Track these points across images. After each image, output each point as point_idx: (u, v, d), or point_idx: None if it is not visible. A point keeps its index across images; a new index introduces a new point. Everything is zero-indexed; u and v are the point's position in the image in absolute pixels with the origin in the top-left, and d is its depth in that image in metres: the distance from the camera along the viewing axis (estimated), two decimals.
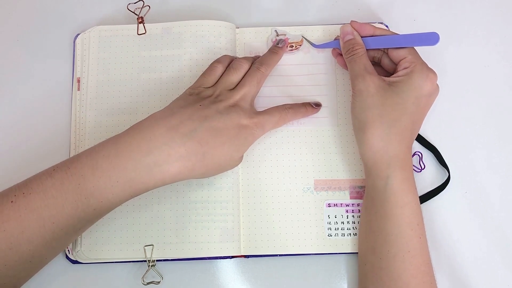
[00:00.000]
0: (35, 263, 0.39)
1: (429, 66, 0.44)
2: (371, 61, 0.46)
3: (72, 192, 0.37)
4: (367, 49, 0.46)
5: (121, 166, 0.38)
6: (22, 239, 0.37)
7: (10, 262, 0.37)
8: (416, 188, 0.43)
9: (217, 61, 0.48)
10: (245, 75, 0.47)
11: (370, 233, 0.43)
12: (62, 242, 0.40)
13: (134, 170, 0.38)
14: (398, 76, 0.44)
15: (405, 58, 0.44)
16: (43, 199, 0.37)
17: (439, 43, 0.42)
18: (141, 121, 0.42)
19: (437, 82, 0.44)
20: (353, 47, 0.46)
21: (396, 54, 0.45)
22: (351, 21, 0.47)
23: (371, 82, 0.43)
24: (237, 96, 0.44)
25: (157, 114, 0.42)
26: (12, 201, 0.37)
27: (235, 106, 0.43)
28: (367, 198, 0.44)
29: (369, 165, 0.43)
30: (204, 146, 0.40)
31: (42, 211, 0.37)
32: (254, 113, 0.44)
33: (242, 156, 0.45)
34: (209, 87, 0.45)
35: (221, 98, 0.43)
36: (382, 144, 0.42)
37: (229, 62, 0.48)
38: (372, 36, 0.47)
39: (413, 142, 0.44)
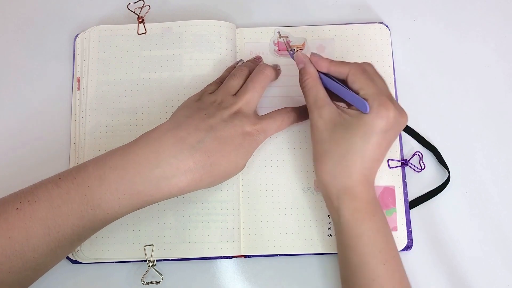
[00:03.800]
0: (39, 270, 0.39)
1: (394, 97, 0.41)
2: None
3: (78, 202, 0.37)
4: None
5: (128, 179, 0.38)
6: (27, 247, 0.36)
7: (14, 269, 0.37)
8: (375, 215, 0.41)
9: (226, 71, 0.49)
10: (248, 79, 0.46)
11: (340, 263, 0.43)
12: (66, 250, 0.39)
13: (142, 184, 0.38)
14: (352, 109, 0.42)
15: (362, 90, 0.41)
16: (49, 208, 0.37)
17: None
18: (149, 132, 0.41)
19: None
20: (303, 77, 0.44)
21: (353, 85, 0.42)
22: (312, 53, 0.45)
23: (319, 118, 0.42)
24: (240, 102, 0.43)
25: (164, 125, 0.42)
26: (17, 208, 0.37)
27: (238, 113, 0.43)
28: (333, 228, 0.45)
29: (323, 196, 0.44)
30: (211, 157, 0.40)
31: (48, 220, 0.37)
32: (257, 118, 0.44)
33: (246, 162, 0.45)
34: (212, 93, 0.45)
35: (225, 105, 0.43)
36: (330, 178, 0.41)
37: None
38: (327, 72, 0.44)
39: (373, 172, 0.42)
